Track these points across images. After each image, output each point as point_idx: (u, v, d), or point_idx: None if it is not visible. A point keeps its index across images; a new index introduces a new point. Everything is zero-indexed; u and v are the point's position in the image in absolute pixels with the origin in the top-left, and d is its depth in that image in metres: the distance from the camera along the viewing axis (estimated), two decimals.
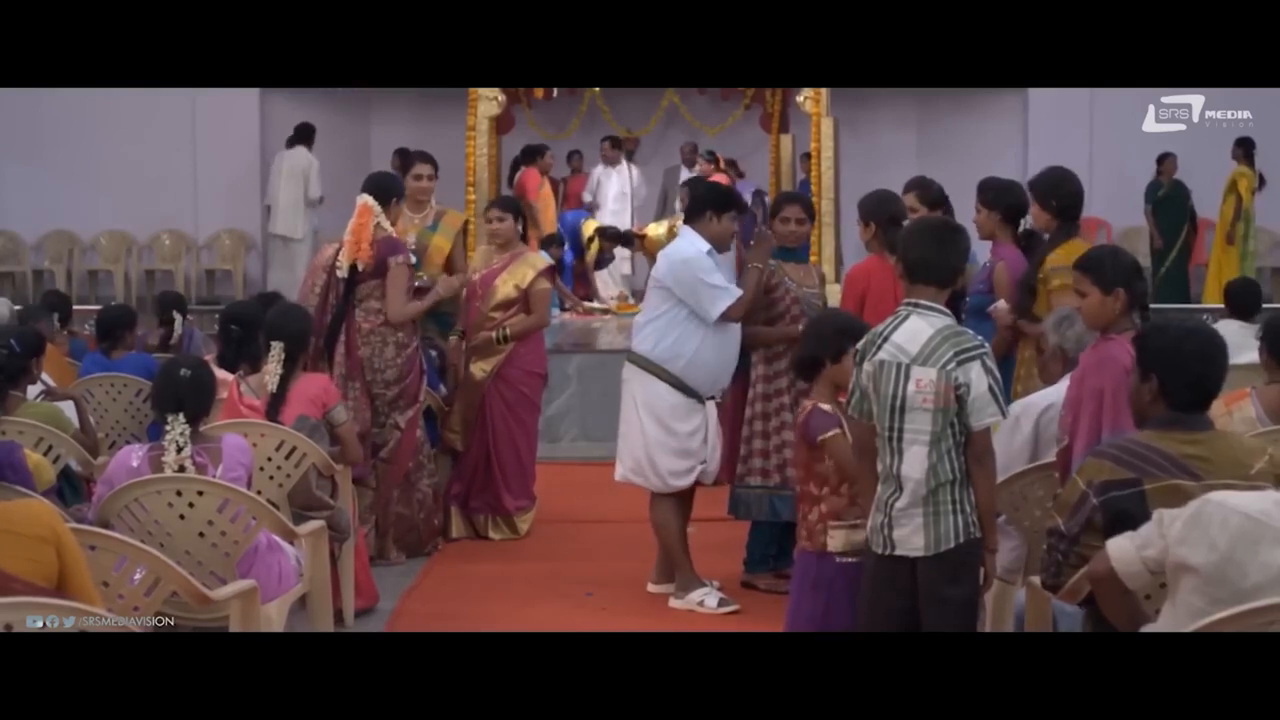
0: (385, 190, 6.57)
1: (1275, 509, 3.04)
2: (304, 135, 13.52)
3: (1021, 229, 5.82)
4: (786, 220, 6.07)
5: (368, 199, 6.47)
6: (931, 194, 6.38)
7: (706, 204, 5.80)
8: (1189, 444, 3.40)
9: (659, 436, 5.78)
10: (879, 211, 6.03)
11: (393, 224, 6.56)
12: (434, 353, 7.33)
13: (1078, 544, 3.49)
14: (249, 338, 5.86)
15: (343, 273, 6.42)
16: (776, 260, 5.98)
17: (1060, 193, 5.55)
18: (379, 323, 6.44)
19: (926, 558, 3.82)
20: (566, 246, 12.45)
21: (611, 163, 14.12)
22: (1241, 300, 7.27)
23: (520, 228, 7.18)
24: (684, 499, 5.96)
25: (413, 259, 6.61)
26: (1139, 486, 3.37)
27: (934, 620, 3.82)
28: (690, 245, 5.75)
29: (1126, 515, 3.34)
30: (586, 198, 14.13)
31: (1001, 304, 5.63)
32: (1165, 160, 13.20)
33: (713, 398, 5.85)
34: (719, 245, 5.77)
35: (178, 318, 7.47)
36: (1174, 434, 3.42)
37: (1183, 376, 3.44)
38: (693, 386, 5.73)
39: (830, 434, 4.43)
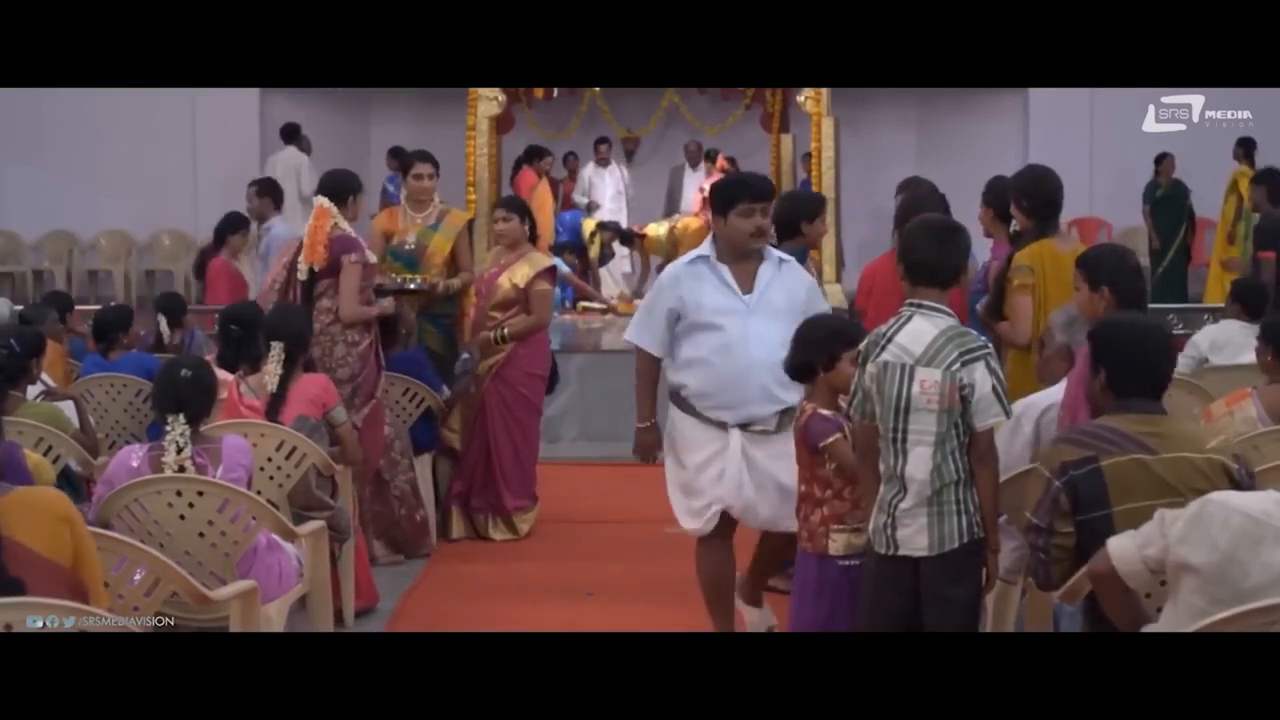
0: (341, 189, 6.50)
1: (1277, 509, 3.05)
2: (291, 135, 13.54)
3: (1011, 229, 5.81)
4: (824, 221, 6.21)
5: (323, 201, 6.43)
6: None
7: (715, 208, 5.03)
8: (1142, 424, 3.48)
9: (669, 467, 5.04)
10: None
11: (352, 219, 6.53)
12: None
13: (1054, 534, 3.51)
14: (249, 338, 5.86)
15: (302, 275, 6.38)
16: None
17: (1031, 193, 5.52)
18: (328, 322, 6.35)
19: (930, 558, 3.81)
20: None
21: (603, 163, 14.14)
22: (1251, 298, 7.25)
23: (528, 229, 7.17)
24: (722, 547, 5.05)
25: (371, 258, 6.54)
26: (1095, 463, 3.44)
27: (936, 620, 3.81)
28: (686, 256, 5.12)
29: (1087, 492, 3.41)
30: (580, 199, 14.15)
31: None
32: (1163, 160, 13.20)
33: (747, 425, 4.85)
34: (735, 248, 4.88)
35: (161, 320, 7.50)
36: (1129, 416, 3.51)
37: (1129, 366, 3.54)
38: (699, 410, 4.89)
39: (831, 439, 4.34)
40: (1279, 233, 8.91)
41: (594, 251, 12.84)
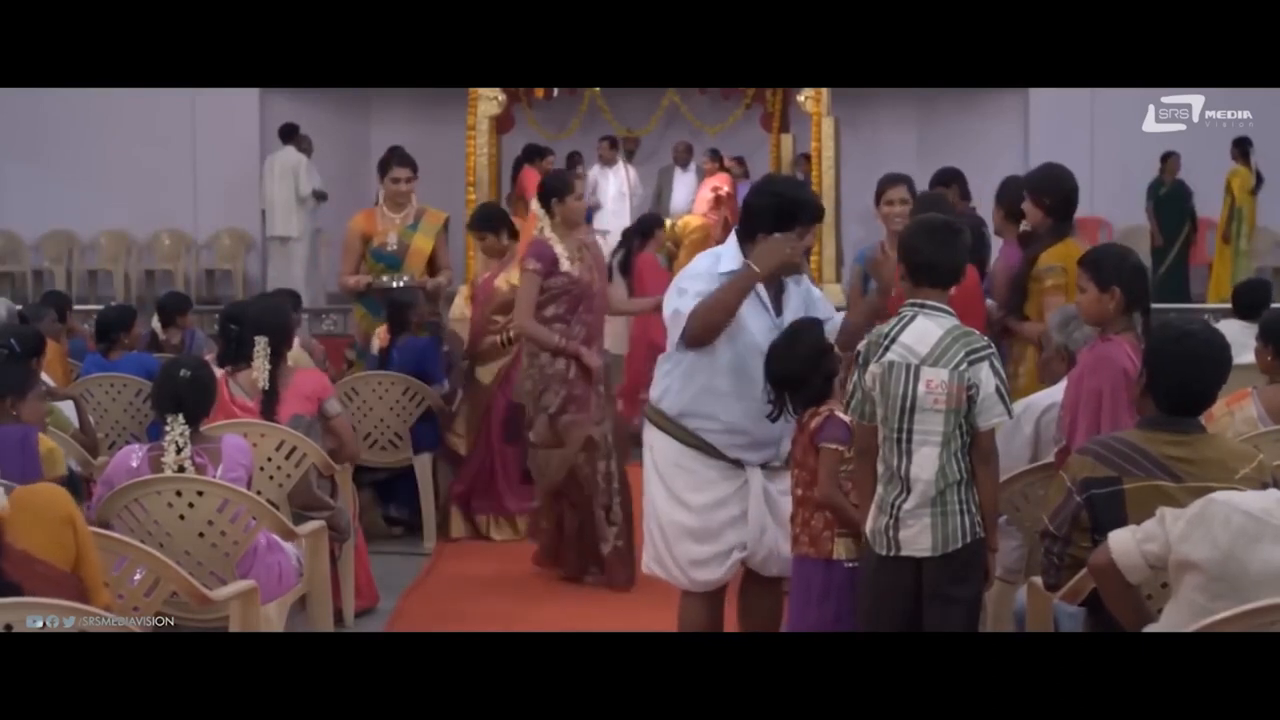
0: (545, 192, 6.26)
1: (1277, 507, 3.05)
2: (289, 134, 13.52)
3: (1021, 228, 5.80)
4: (891, 202, 5.76)
5: (533, 204, 6.34)
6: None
7: (757, 224, 4.35)
8: (1173, 445, 3.43)
9: (670, 511, 4.45)
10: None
11: (565, 223, 6.18)
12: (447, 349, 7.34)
13: (1069, 544, 3.52)
14: (249, 338, 5.87)
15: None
16: None
17: (1053, 190, 5.51)
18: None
19: (933, 558, 3.79)
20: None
21: (608, 163, 14.11)
22: (1247, 301, 7.25)
23: (506, 238, 7.14)
24: (716, 601, 4.59)
25: (565, 265, 6.12)
26: (1118, 485, 3.42)
27: (938, 620, 3.80)
28: (704, 260, 4.46)
29: (1106, 514, 3.37)
30: (587, 198, 14.14)
31: (989, 304, 5.62)
32: (1168, 159, 13.26)
33: (765, 465, 4.43)
34: (778, 269, 4.34)
35: (155, 318, 7.58)
36: (1160, 434, 3.46)
37: (1167, 378, 3.47)
38: (719, 446, 4.39)
39: (831, 446, 4.18)
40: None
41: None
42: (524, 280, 6.17)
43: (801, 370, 4.26)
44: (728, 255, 4.38)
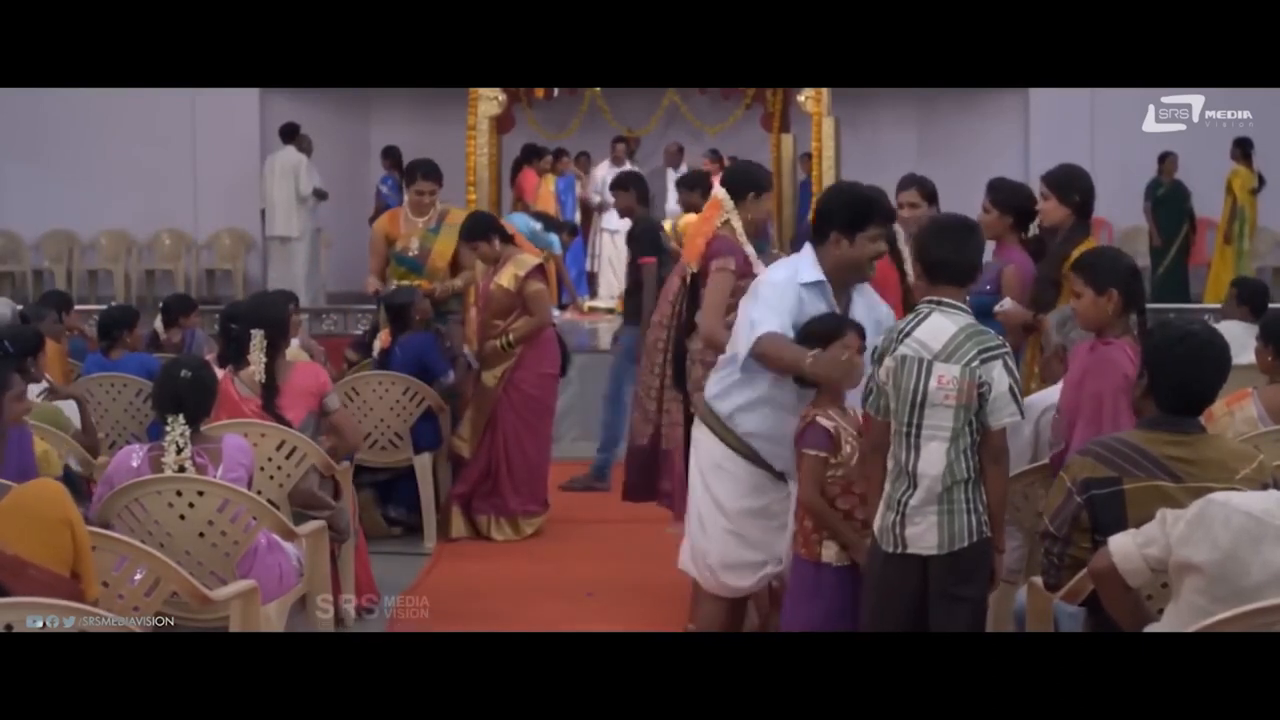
0: (741, 183, 5.37)
1: (1277, 508, 3.05)
2: (290, 134, 13.52)
3: (1032, 232, 5.80)
4: (901, 206, 5.70)
5: (719, 191, 5.39)
6: (928, 190, 6.25)
7: (830, 223, 4.34)
8: (1174, 445, 3.42)
9: (712, 515, 4.56)
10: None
11: (753, 221, 5.30)
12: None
13: (1070, 545, 3.52)
14: (249, 336, 5.88)
15: (686, 276, 5.45)
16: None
17: (1081, 186, 5.56)
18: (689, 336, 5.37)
19: (939, 556, 3.80)
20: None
21: (619, 163, 14.14)
22: (1255, 299, 7.24)
23: (499, 243, 7.12)
24: (736, 607, 4.73)
25: (758, 268, 5.11)
26: (1118, 485, 3.41)
27: (943, 619, 3.80)
28: (783, 269, 4.42)
29: (1106, 514, 3.37)
30: (594, 198, 14.14)
31: (1008, 302, 5.60)
32: (1166, 159, 13.26)
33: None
34: (853, 275, 4.39)
35: (157, 319, 7.62)
36: (1160, 434, 3.45)
37: (1168, 379, 3.47)
38: (761, 451, 4.48)
39: (812, 453, 4.22)
40: (653, 239, 8.46)
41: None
42: (719, 281, 5.05)
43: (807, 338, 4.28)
44: (805, 266, 4.38)
